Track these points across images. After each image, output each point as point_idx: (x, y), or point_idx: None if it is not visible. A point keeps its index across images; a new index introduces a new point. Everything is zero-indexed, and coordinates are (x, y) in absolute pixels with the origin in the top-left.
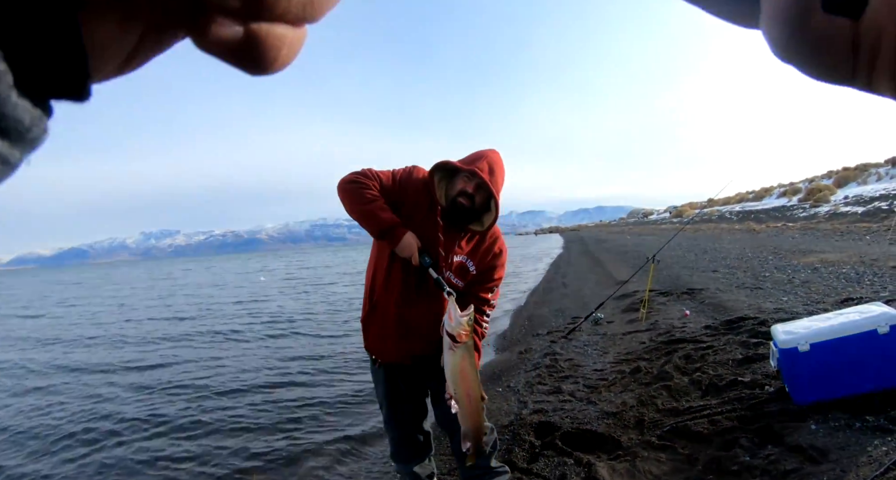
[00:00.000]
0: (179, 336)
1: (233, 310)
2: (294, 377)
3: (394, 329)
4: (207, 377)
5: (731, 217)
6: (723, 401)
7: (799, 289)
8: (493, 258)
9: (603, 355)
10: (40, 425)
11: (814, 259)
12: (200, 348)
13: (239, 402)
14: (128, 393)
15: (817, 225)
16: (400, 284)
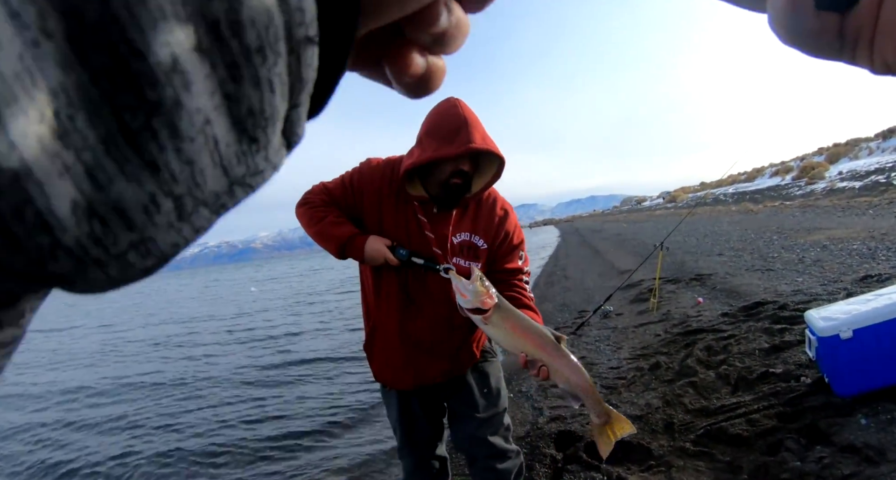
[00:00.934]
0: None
1: (218, 326)
2: (285, 404)
3: (400, 353)
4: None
5: (727, 199)
6: (757, 397)
7: (812, 269)
8: (501, 222)
9: (617, 350)
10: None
11: (821, 236)
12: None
13: (226, 435)
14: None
15: (816, 202)
16: (395, 299)
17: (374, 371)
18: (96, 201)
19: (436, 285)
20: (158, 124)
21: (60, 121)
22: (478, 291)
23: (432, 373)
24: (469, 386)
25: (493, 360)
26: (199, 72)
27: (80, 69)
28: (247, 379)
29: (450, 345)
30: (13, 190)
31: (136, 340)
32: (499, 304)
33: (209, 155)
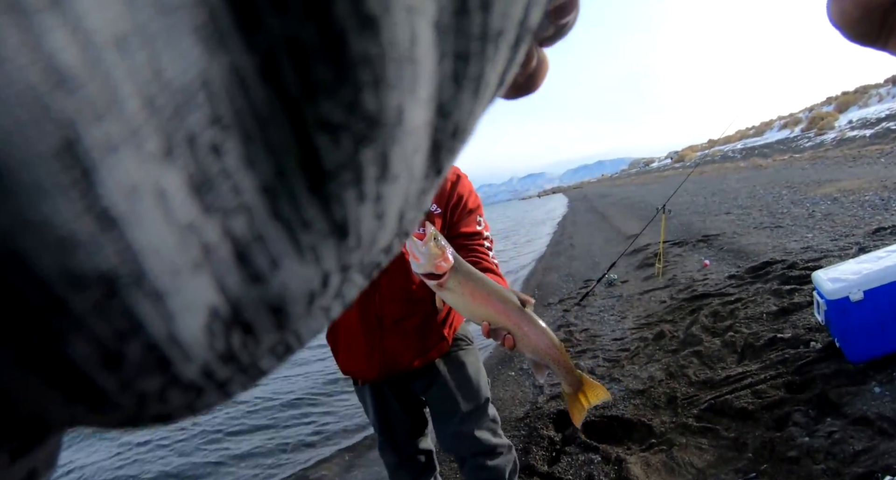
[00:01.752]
0: None
1: None
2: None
3: (363, 335)
4: None
5: (735, 155)
6: (764, 365)
7: (822, 223)
8: (453, 186)
9: (621, 320)
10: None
11: (831, 189)
12: None
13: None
14: None
15: (826, 153)
16: None
17: (340, 363)
18: (246, 302)
19: (395, 259)
20: (367, 156)
21: (195, 156)
22: (431, 253)
23: (402, 358)
24: (444, 377)
25: (468, 348)
26: (428, 64)
27: (239, 48)
28: None
29: (414, 322)
30: (103, 312)
31: None
32: (456, 267)
33: (402, 200)
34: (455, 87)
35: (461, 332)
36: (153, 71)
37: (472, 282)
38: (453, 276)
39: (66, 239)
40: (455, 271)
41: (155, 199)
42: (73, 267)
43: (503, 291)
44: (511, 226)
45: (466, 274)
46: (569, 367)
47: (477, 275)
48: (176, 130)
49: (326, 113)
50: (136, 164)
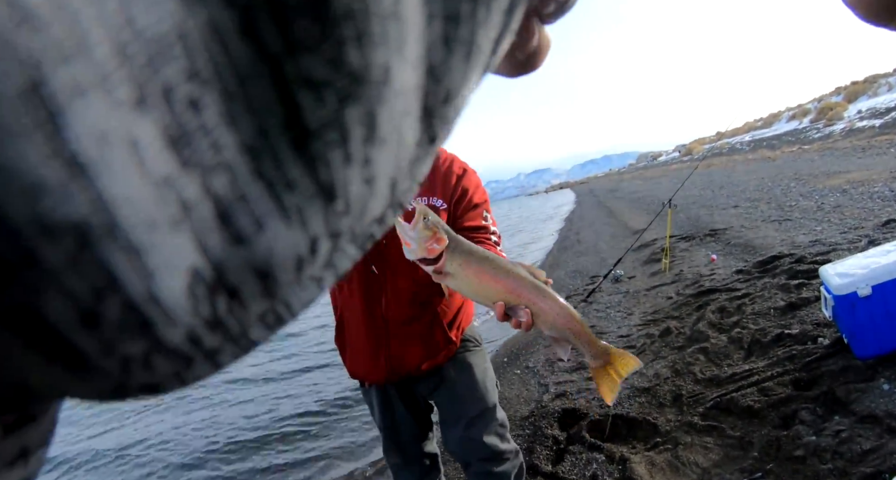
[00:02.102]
0: None
1: None
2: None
3: (369, 337)
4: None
5: (743, 147)
6: (771, 362)
7: (831, 216)
8: (459, 180)
9: (627, 317)
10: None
11: (840, 180)
12: None
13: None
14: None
15: (835, 143)
16: (357, 276)
17: (347, 366)
18: (230, 265)
19: (395, 253)
20: (352, 115)
21: (171, 108)
22: (420, 236)
23: (408, 361)
24: (451, 380)
25: (476, 350)
26: (416, 23)
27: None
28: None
29: (421, 325)
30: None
31: None
32: (452, 247)
33: (393, 167)
34: (445, 50)
35: (469, 333)
36: (125, 18)
37: (475, 262)
38: (452, 258)
39: (34, 184)
40: (452, 252)
41: (127, 148)
42: (43, 214)
43: (511, 266)
44: (517, 222)
45: (467, 254)
46: (591, 339)
47: (480, 253)
48: (149, 80)
49: (309, 69)
50: (105, 111)
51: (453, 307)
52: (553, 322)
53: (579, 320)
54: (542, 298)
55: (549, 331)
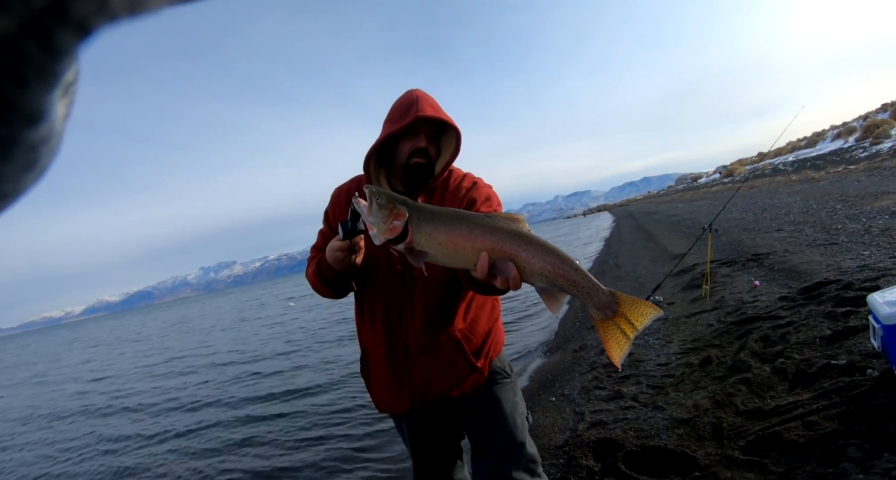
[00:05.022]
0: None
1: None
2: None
3: (391, 368)
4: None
5: (786, 168)
6: (817, 395)
7: (880, 239)
8: (468, 192)
9: (666, 345)
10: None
11: (889, 201)
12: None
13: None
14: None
15: (882, 163)
16: (380, 309)
17: (374, 399)
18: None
19: (420, 289)
20: None
21: None
22: (378, 216)
23: (432, 389)
24: (478, 414)
25: (505, 382)
26: None
27: None
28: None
29: (442, 352)
30: None
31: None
32: (416, 217)
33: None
34: None
35: (498, 364)
36: None
37: (444, 225)
38: (419, 229)
39: None
40: (417, 222)
41: None
42: None
43: (486, 219)
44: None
45: (432, 219)
46: (591, 284)
47: (446, 214)
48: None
49: None
50: None
51: (478, 333)
52: (542, 270)
53: (573, 264)
54: (524, 246)
55: (539, 283)
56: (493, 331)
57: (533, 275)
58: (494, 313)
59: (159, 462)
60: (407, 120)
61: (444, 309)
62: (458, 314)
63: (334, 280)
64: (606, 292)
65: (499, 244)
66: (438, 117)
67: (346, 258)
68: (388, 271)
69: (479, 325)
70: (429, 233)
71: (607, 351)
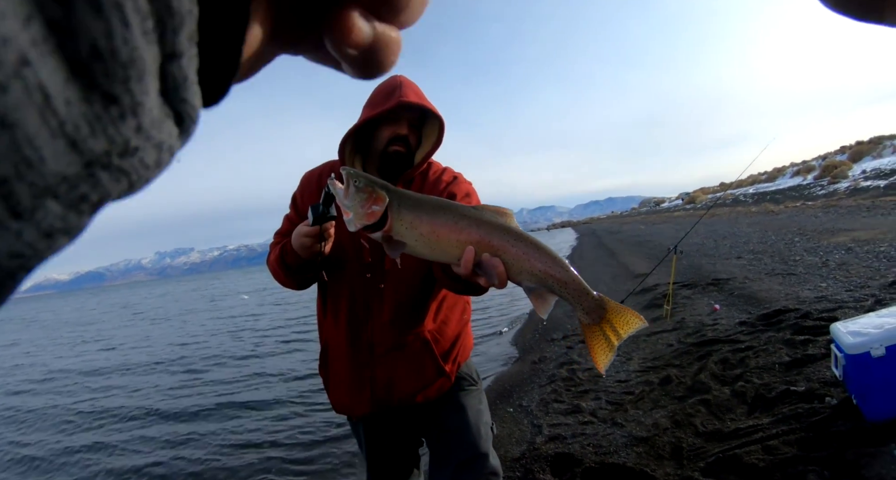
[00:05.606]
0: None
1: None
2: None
3: (353, 365)
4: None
5: (746, 199)
6: (776, 420)
7: (836, 273)
8: (447, 186)
9: (626, 362)
10: None
11: (845, 238)
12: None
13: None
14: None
15: (839, 201)
16: (345, 303)
17: (331, 398)
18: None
19: (391, 283)
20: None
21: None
22: (356, 200)
23: (396, 391)
24: (441, 420)
25: (471, 389)
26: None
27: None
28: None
29: (409, 351)
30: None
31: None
32: (396, 204)
33: (38, 115)
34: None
35: (465, 370)
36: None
37: (427, 214)
38: (399, 217)
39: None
40: (398, 209)
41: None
42: None
43: (473, 211)
44: None
45: (415, 207)
46: (581, 287)
47: (431, 203)
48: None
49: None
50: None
51: (447, 337)
52: (531, 269)
53: (563, 264)
54: (513, 242)
55: (527, 282)
56: (462, 335)
57: (521, 274)
58: (465, 316)
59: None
60: (388, 104)
61: (415, 306)
62: (429, 313)
63: (298, 268)
64: (595, 296)
65: (486, 238)
66: (422, 104)
67: (313, 245)
68: (358, 262)
69: (449, 327)
70: (410, 221)
71: (592, 357)
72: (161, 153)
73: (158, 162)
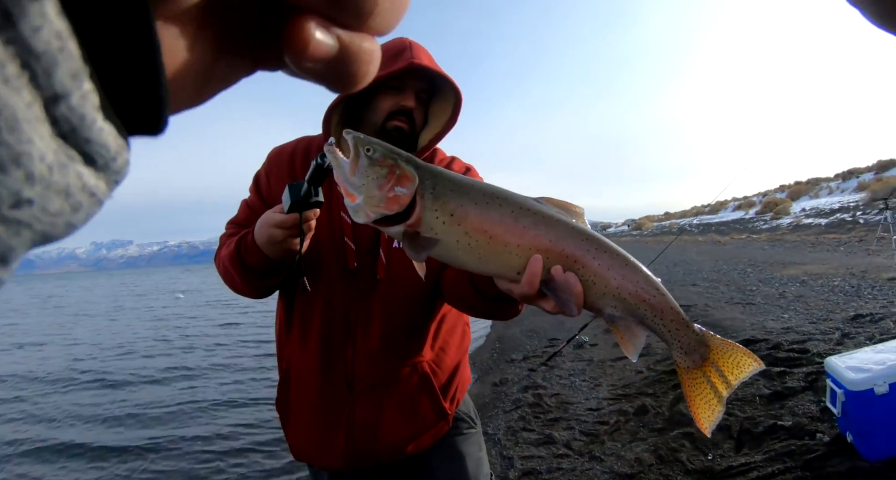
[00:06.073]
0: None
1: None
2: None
3: (324, 407)
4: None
5: (692, 229)
6: (768, 457)
7: (796, 305)
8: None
9: (595, 388)
10: None
11: (797, 271)
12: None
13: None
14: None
15: (783, 236)
16: (318, 321)
17: (291, 443)
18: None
19: (383, 298)
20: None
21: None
22: (369, 178)
23: (381, 440)
24: (435, 473)
25: (470, 433)
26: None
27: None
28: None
29: (402, 390)
30: None
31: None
32: (430, 185)
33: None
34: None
35: (463, 409)
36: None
37: (474, 203)
38: (433, 205)
39: None
40: (433, 192)
41: None
42: None
43: (537, 205)
44: None
45: (457, 192)
46: (679, 318)
47: (479, 188)
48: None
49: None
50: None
51: (446, 368)
52: (617, 291)
53: (658, 285)
54: (594, 252)
55: (611, 309)
56: (461, 366)
57: (605, 297)
58: (465, 342)
59: None
60: (396, 66)
61: (412, 329)
62: (428, 338)
63: (262, 271)
64: (697, 330)
65: (559, 244)
66: (437, 71)
67: (285, 240)
68: (338, 268)
69: (448, 356)
70: (451, 212)
71: (693, 413)
72: (70, 197)
73: (74, 206)
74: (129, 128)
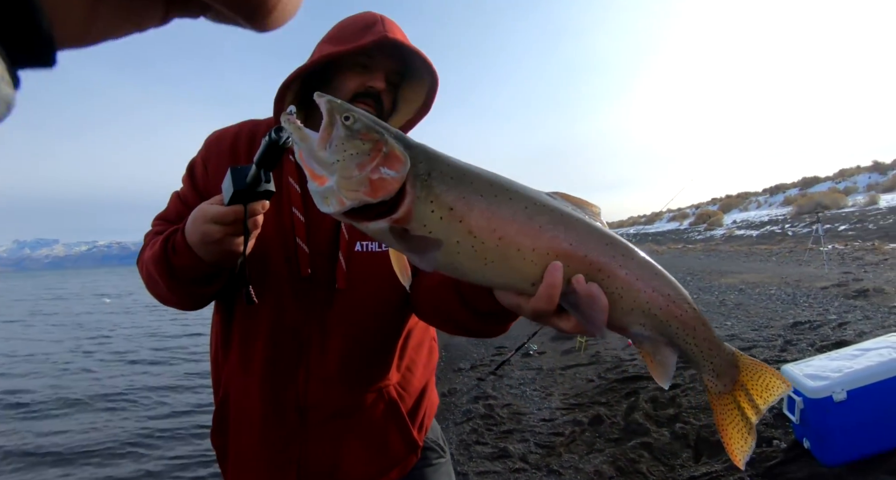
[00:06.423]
0: None
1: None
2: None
3: (269, 439)
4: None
5: (630, 239)
6: (729, 466)
7: (737, 312)
8: None
9: (546, 397)
10: None
11: (734, 280)
12: None
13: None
14: None
15: (717, 247)
16: (263, 339)
17: (226, 477)
18: None
19: (342, 311)
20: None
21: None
22: (344, 154)
23: (339, 479)
24: None
25: (439, 463)
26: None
27: None
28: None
29: (364, 418)
30: None
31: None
32: (424, 170)
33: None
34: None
35: (431, 436)
36: None
37: (481, 196)
38: (428, 195)
39: None
40: (429, 178)
41: None
42: None
43: (551, 201)
44: None
45: (459, 180)
46: (711, 337)
47: (486, 177)
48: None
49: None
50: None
51: (414, 388)
52: (647, 306)
53: (688, 299)
54: (623, 260)
55: (639, 327)
56: (428, 388)
57: (632, 313)
58: (432, 360)
59: None
60: (364, 40)
61: (378, 347)
62: (394, 358)
63: (194, 278)
64: (729, 351)
65: (581, 248)
66: (412, 48)
67: (224, 239)
68: (289, 275)
69: (415, 377)
70: (451, 205)
71: (726, 444)
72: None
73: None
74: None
